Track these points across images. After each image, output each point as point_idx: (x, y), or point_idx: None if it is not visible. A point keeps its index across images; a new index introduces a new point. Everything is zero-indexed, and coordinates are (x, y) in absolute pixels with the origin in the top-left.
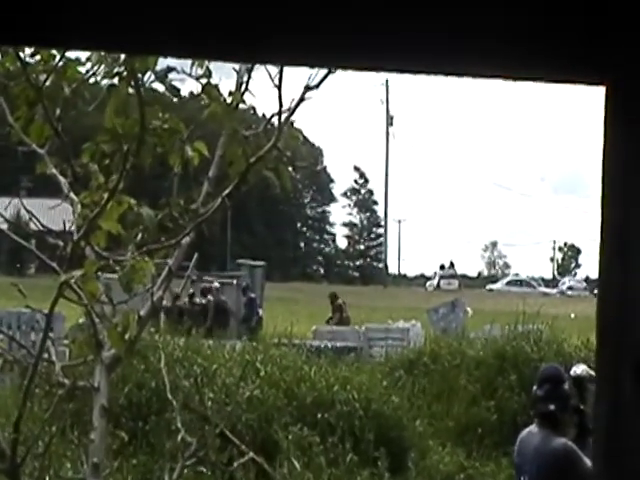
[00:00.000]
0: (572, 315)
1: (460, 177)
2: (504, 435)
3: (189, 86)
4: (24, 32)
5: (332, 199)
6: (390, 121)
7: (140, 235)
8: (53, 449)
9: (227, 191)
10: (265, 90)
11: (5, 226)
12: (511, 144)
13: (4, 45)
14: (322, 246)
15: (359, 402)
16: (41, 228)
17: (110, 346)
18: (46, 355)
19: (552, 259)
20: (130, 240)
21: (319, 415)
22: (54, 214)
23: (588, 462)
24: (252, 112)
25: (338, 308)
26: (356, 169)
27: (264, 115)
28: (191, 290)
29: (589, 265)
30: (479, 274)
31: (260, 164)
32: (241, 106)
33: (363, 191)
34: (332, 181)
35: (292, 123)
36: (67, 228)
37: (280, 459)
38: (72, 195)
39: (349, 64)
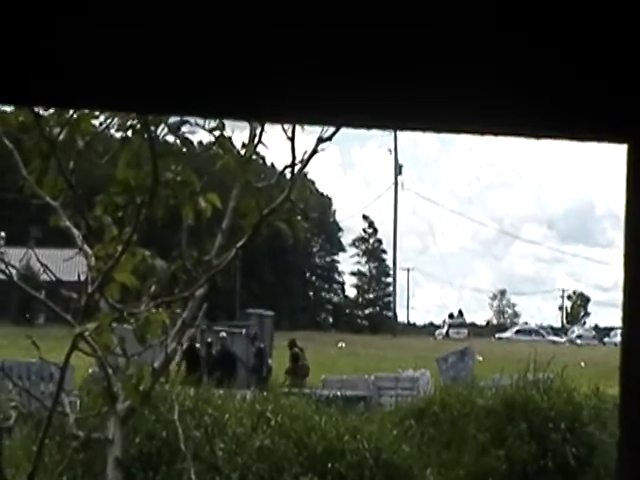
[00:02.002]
0: (582, 363)
1: (468, 225)
2: None
3: (201, 135)
4: (23, 92)
5: (341, 248)
6: (399, 170)
7: (153, 287)
8: None
9: (241, 243)
10: (276, 140)
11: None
12: (519, 192)
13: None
14: (331, 295)
15: (369, 452)
16: (52, 279)
17: (124, 398)
18: (59, 407)
19: (561, 308)
20: (144, 292)
21: (329, 465)
22: (65, 264)
23: None
24: (261, 162)
25: (294, 356)
26: (365, 218)
27: (273, 165)
28: (209, 339)
29: (598, 313)
30: (488, 323)
31: (273, 216)
32: (253, 157)
33: (372, 240)
34: (341, 230)
35: (305, 174)
36: (81, 280)
37: None
38: (86, 247)
39: (368, 124)
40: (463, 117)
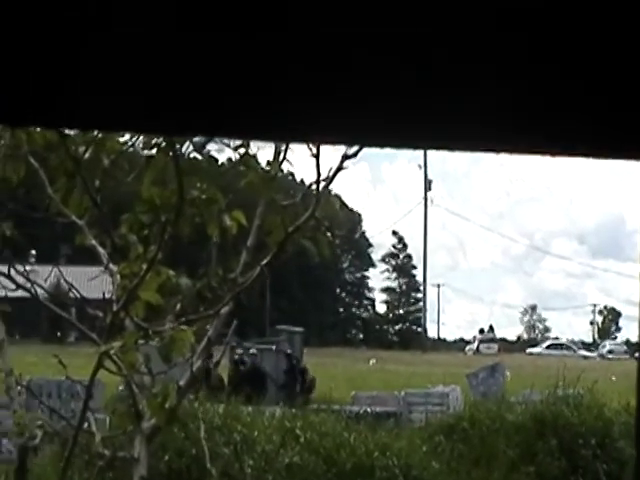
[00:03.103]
0: (613, 378)
1: (498, 240)
2: None
3: (226, 152)
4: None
5: (371, 264)
6: (428, 186)
7: (179, 305)
8: None
9: (266, 260)
10: (303, 157)
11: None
12: (549, 207)
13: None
14: (361, 311)
15: (399, 468)
16: (79, 297)
17: (150, 416)
18: (86, 424)
19: (592, 322)
20: (169, 310)
21: None
22: (93, 282)
23: None
24: (290, 178)
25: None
26: (394, 234)
27: (302, 181)
28: (239, 352)
29: (629, 328)
30: (519, 338)
31: (298, 233)
32: (279, 174)
33: (402, 256)
34: (371, 246)
35: (330, 191)
36: (106, 297)
37: None
38: (111, 266)
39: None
40: (491, 137)
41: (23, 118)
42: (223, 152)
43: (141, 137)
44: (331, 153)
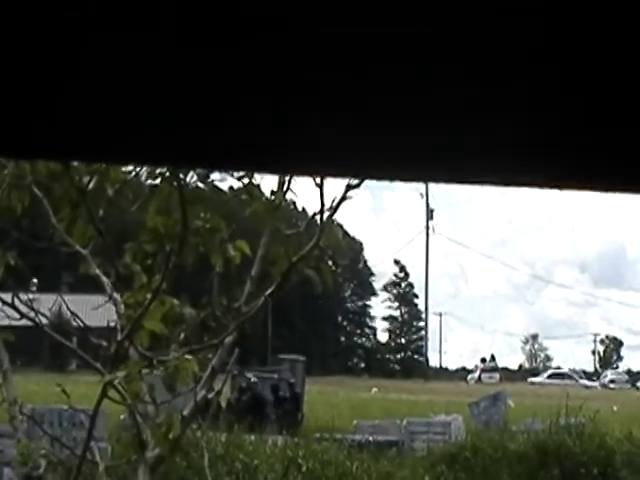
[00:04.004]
0: (614, 408)
1: (500, 269)
2: None
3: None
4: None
5: (372, 293)
6: (430, 215)
7: (183, 334)
8: None
9: (270, 290)
10: (306, 185)
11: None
12: (551, 236)
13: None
14: (363, 339)
15: None
16: (83, 326)
17: (153, 446)
18: (88, 453)
19: (594, 352)
20: (173, 339)
21: None
22: (95, 310)
23: None
24: (292, 207)
25: None
26: (396, 262)
27: (304, 209)
28: (250, 379)
29: (631, 357)
30: (520, 367)
31: (302, 263)
32: (282, 203)
33: (403, 284)
34: (372, 275)
35: (333, 220)
36: (110, 326)
37: None
38: (115, 295)
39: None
40: (495, 170)
41: (23, 151)
42: (225, 181)
43: (145, 167)
44: (334, 182)
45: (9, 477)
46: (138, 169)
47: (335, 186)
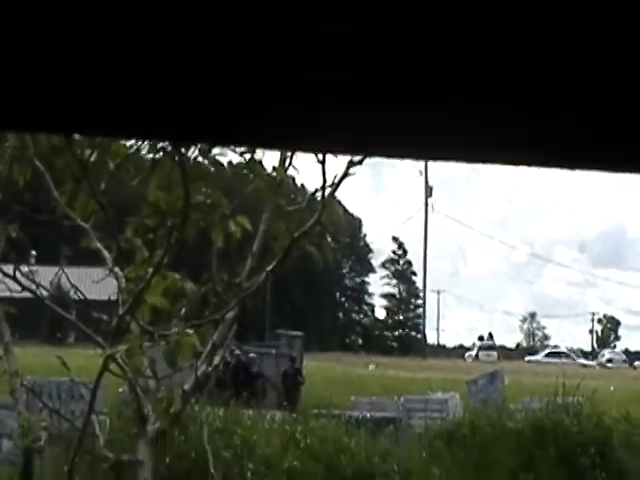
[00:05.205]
0: (611, 388)
1: (499, 248)
2: None
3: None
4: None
5: (371, 269)
6: (429, 192)
7: (184, 309)
8: None
9: (271, 266)
10: (308, 162)
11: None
12: (550, 215)
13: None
14: (361, 316)
15: (399, 474)
16: (82, 298)
17: (154, 420)
18: (90, 428)
19: (591, 331)
20: (174, 314)
21: None
22: (94, 283)
23: None
24: (292, 182)
25: None
26: (394, 239)
27: (303, 186)
28: (232, 360)
29: (629, 337)
30: (518, 345)
31: (304, 239)
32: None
33: (402, 262)
34: (371, 252)
35: (334, 197)
36: (110, 299)
37: None
38: (117, 269)
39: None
40: (497, 148)
41: (26, 123)
42: (225, 156)
43: (146, 141)
44: (336, 159)
45: (7, 448)
46: (140, 143)
47: (337, 163)
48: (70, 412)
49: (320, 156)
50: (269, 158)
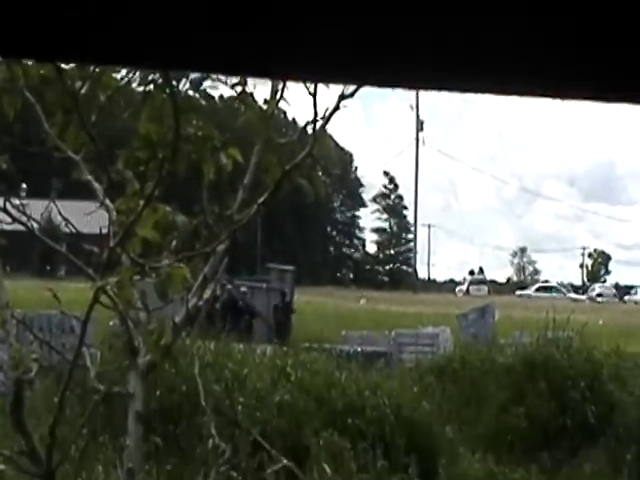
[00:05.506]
0: (600, 322)
1: (490, 182)
2: (534, 441)
3: (223, 89)
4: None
5: (362, 204)
6: (420, 126)
7: (175, 242)
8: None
9: (262, 199)
10: (299, 96)
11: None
12: (541, 150)
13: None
14: (352, 251)
15: (389, 408)
16: (73, 231)
17: (145, 352)
18: (80, 360)
19: (582, 265)
20: (165, 247)
21: (349, 421)
22: (85, 216)
23: None
24: (283, 116)
25: None
26: (386, 174)
27: (294, 120)
28: (224, 294)
29: (618, 272)
30: (508, 280)
31: (295, 171)
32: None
33: (393, 196)
34: (362, 186)
35: (325, 130)
36: (102, 232)
37: (310, 464)
38: (107, 201)
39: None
40: (490, 78)
41: (13, 50)
42: (217, 89)
43: (138, 73)
44: (327, 93)
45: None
46: (130, 76)
47: (328, 97)
48: (61, 345)
49: (312, 89)
50: (260, 91)
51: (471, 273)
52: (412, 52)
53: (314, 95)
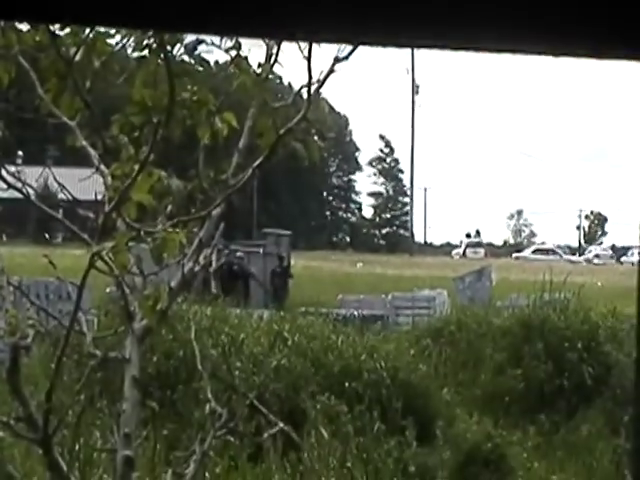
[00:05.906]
0: (599, 283)
1: (486, 145)
2: (531, 403)
3: (217, 54)
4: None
5: (358, 168)
6: (416, 90)
7: (170, 206)
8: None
9: (257, 162)
10: (293, 60)
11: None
12: (539, 112)
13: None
14: (348, 215)
15: (386, 371)
16: (70, 198)
17: (141, 317)
18: (77, 326)
19: (578, 227)
20: (160, 211)
21: (346, 384)
22: (81, 183)
23: None
24: (278, 81)
25: None
26: (382, 138)
27: (290, 84)
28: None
29: (615, 233)
30: (505, 242)
31: (289, 135)
32: (269, 76)
33: (389, 160)
34: (358, 150)
35: (320, 94)
36: (97, 199)
37: (307, 428)
38: (102, 167)
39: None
40: (484, 35)
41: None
42: (212, 53)
43: (132, 38)
44: (322, 55)
45: None
46: (125, 41)
47: (323, 60)
48: (58, 312)
49: (306, 52)
50: (255, 55)
51: (468, 236)
52: (406, 9)
53: (308, 59)
